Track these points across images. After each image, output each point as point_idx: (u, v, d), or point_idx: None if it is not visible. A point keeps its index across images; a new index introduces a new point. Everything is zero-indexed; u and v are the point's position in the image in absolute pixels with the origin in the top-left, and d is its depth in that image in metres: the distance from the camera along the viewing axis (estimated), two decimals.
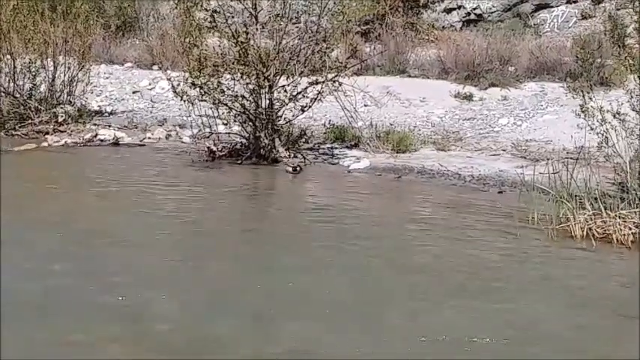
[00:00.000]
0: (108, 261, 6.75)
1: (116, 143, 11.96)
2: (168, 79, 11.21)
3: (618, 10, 15.15)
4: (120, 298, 5.87)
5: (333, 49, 11.41)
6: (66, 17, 13.22)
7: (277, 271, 6.64)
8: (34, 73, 13.09)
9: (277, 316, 5.71)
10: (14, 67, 12.94)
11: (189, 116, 11.61)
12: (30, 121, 12.69)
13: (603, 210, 7.58)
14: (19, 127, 12.64)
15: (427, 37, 15.98)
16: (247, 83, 10.86)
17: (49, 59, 13.17)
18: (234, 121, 11.23)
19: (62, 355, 5.05)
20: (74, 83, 13.35)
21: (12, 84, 12.98)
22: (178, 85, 10.78)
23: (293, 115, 11.13)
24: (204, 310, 5.78)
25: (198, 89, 10.70)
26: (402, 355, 5.16)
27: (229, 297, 6.02)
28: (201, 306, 5.86)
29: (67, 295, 5.95)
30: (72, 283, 6.18)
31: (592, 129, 8.18)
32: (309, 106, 11.07)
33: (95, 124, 12.89)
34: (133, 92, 14.85)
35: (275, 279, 6.44)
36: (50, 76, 13.17)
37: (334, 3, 11.28)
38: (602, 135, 8.18)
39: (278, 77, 10.88)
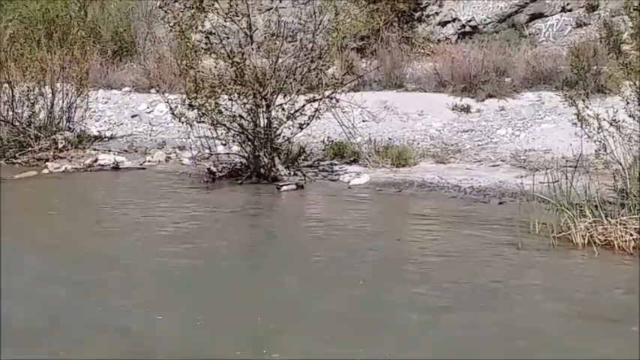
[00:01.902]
0: (108, 284, 6.78)
1: (116, 167, 12.00)
2: (166, 102, 11.26)
3: (613, 17, 15.19)
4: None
5: (329, 66, 11.45)
6: (62, 44, 13.32)
7: (279, 289, 6.67)
8: (32, 101, 13.13)
9: (279, 332, 5.73)
10: (12, 96, 12.99)
11: (188, 138, 11.66)
12: (30, 149, 12.73)
13: (604, 217, 7.59)
14: (19, 155, 12.68)
15: (423, 51, 16.00)
16: (245, 103, 10.90)
17: (47, 86, 13.22)
18: (233, 141, 11.28)
19: None
20: (73, 109, 13.42)
21: (11, 112, 13.02)
22: (176, 107, 10.83)
23: (291, 133, 11.17)
24: (206, 330, 5.78)
25: (196, 111, 10.74)
26: None
27: (231, 316, 6.04)
28: (203, 326, 5.87)
29: (67, 319, 5.97)
30: (72, 307, 6.22)
31: (589, 137, 8.21)
32: (307, 124, 11.10)
33: (95, 149, 12.94)
34: (132, 116, 14.89)
35: (277, 297, 6.47)
36: (49, 103, 13.22)
37: (329, 20, 11.33)
38: (600, 142, 8.21)
39: (275, 96, 10.92)
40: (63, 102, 13.33)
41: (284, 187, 10.43)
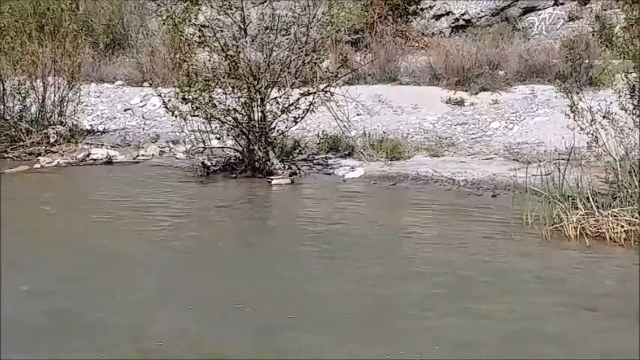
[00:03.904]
0: (105, 280, 6.81)
1: (109, 162, 12.09)
2: (159, 96, 11.32)
3: (605, 10, 15.34)
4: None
5: (323, 60, 11.57)
6: (54, 37, 13.29)
7: (275, 284, 6.77)
8: (23, 95, 13.21)
9: (279, 327, 5.82)
10: (3, 90, 13.08)
11: (182, 132, 11.72)
12: (21, 143, 12.78)
13: (595, 209, 7.76)
14: (11, 149, 12.71)
15: (417, 45, 16.14)
16: (239, 97, 11.00)
17: (38, 80, 13.26)
18: (227, 135, 11.35)
19: None
20: (65, 103, 13.43)
21: (2, 106, 13.10)
22: (169, 100, 10.89)
23: (286, 127, 11.29)
24: (208, 326, 5.86)
25: (189, 104, 10.82)
26: None
27: (231, 311, 6.13)
28: (204, 321, 5.94)
29: (67, 316, 6.01)
30: (71, 304, 6.26)
31: (582, 129, 8.36)
32: (302, 117, 11.23)
33: (87, 144, 13.00)
34: (125, 110, 14.97)
35: (274, 291, 6.57)
36: (40, 97, 13.27)
37: (322, 13, 11.42)
38: (592, 135, 8.36)
39: (269, 89, 11.02)
40: (55, 96, 13.35)
41: (275, 181, 10.57)
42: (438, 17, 16.97)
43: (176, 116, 10.92)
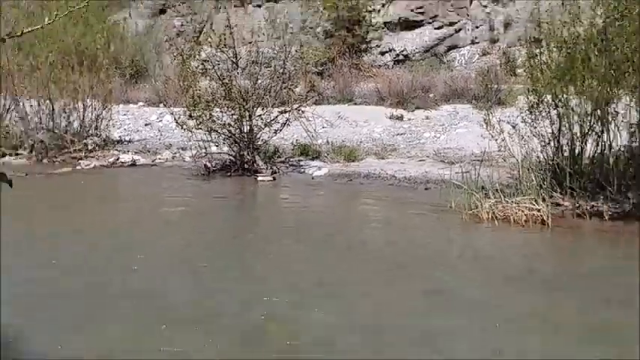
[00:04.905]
0: (122, 266, 6.16)
1: (134, 164, 11.85)
2: (172, 114, 11.13)
3: (509, 47, 15.39)
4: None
5: (296, 86, 11.43)
6: (91, 69, 13.07)
7: (259, 259, 6.60)
8: (68, 114, 12.94)
9: (258, 297, 5.57)
10: (52, 109, 12.81)
11: (189, 141, 11.53)
12: (66, 150, 12.51)
13: (503, 198, 7.67)
14: (59, 155, 12.46)
15: (367, 74, 16.05)
16: (232, 114, 10.83)
17: (79, 102, 13.03)
18: (224, 143, 11.18)
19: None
20: (99, 120, 13.21)
21: (52, 122, 12.83)
22: (179, 117, 10.73)
23: (268, 137, 11.11)
24: (208, 294, 5.62)
25: (194, 120, 10.65)
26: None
27: (227, 282, 5.90)
28: (205, 289, 5.71)
29: (86, 301, 5.36)
30: (85, 280, 5.79)
31: (493, 137, 8.27)
32: (280, 130, 11.06)
33: (117, 150, 12.76)
34: (145, 125, 14.71)
35: (261, 267, 6.41)
36: (81, 115, 13.02)
37: (295, 51, 11.32)
38: (501, 142, 8.27)
39: (255, 108, 10.86)
40: (92, 114, 13.13)
41: (260, 177, 10.39)
42: (383, 53, 16.92)
43: (184, 129, 10.75)
